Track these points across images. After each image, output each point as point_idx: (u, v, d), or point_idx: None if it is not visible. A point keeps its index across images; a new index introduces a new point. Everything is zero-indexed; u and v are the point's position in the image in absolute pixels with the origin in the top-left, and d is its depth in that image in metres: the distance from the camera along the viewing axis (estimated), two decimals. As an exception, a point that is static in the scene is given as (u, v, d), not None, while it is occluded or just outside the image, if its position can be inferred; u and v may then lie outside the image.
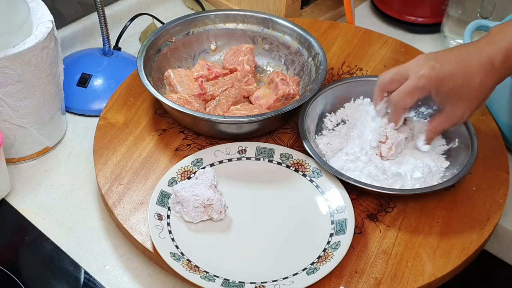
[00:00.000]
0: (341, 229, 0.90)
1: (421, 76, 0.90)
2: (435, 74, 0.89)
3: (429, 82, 0.90)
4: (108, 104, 1.08)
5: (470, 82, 0.89)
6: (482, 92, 0.90)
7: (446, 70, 0.89)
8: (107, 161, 0.99)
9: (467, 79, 0.89)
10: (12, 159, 1.03)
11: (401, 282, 0.86)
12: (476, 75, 0.88)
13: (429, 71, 0.89)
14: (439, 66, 0.89)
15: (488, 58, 0.88)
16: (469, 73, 0.88)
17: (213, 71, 1.10)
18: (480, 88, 0.89)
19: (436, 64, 0.90)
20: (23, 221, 0.96)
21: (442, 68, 0.89)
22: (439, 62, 0.90)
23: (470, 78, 0.88)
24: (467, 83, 0.89)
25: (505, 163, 1.01)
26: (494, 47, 0.88)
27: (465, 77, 0.89)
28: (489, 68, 0.88)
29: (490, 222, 0.93)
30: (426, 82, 0.90)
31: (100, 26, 1.15)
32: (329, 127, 1.06)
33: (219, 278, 0.84)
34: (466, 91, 0.90)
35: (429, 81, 0.90)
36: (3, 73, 0.93)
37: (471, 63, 0.89)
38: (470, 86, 0.89)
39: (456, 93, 0.90)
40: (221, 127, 1.01)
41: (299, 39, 1.13)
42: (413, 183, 0.95)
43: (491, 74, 0.88)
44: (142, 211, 0.93)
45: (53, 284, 0.89)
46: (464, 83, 0.89)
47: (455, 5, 1.25)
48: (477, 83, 0.88)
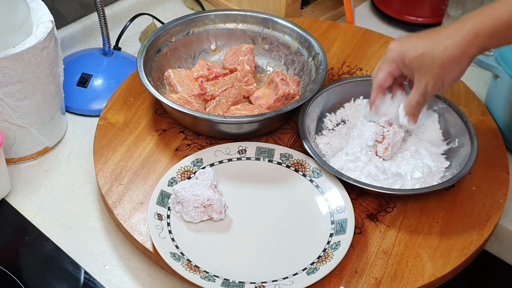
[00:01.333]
0: (341, 229, 0.90)
1: (388, 49, 0.94)
2: (399, 45, 0.92)
3: (394, 53, 0.93)
4: (108, 104, 1.08)
5: (433, 49, 0.88)
6: (446, 61, 0.88)
7: (411, 41, 0.92)
8: (107, 161, 0.99)
9: (430, 46, 0.89)
10: (12, 159, 1.03)
11: (401, 282, 0.86)
12: (441, 42, 0.88)
13: (394, 43, 0.93)
14: (406, 39, 0.92)
15: (459, 25, 0.87)
16: (434, 41, 0.89)
17: (213, 71, 1.10)
18: (444, 55, 0.88)
19: (404, 37, 0.93)
20: (23, 221, 0.96)
21: (408, 40, 0.92)
22: (410, 36, 0.93)
23: (434, 46, 0.88)
24: (429, 50, 0.89)
25: (505, 163, 1.01)
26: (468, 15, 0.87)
27: (428, 45, 0.89)
28: (457, 34, 0.87)
29: (490, 222, 0.93)
30: (392, 53, 0.93)
31: (100, 26, 1.15)
32: (329, 127, 1.06)
33: (219, 278, 0.84)
34: (428, 60, 0.89)
35: (394, 52, 0.93)
36: (3, 73, 0.93)
37: (438, 33, 0.89)
38: (433, 54, 0.88)
39: (419, 62, 0.90)
40: (221, 127, 1.01)
41: (299, 39, 1.13)
42: (413, 183, 0.95)
43: (458, 40, 0.87)
44: (142, 211, 0.93)
45: (53, 284, 0.89)
46: (427, 51, 0.89)
47: (455, 5, 1.25)
48: (440, 50, 0.88)
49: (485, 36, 0.86)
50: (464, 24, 0.87)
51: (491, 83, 1.10)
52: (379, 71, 0.96)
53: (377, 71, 0.97)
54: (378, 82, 0.97)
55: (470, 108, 1.09)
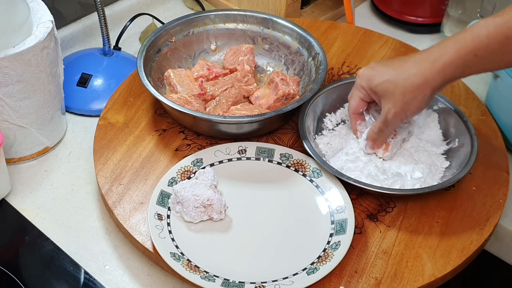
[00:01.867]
0: (341, 229, 0.90)
1: (358, 76, 0.95)
2: (367, 72, 0.93)
3: (362, 79, 0.94)
4: (108, 104, 1.08)
5: (396, 77, 0.89)
6: (408, 90, 0.88)
7: (378, 68, 0.93)
8: (107, 161, 0.99)
9: (395, 74, 0.89)
10: (12, 159, 1.03)
11: (401, 282, 0.86)
12: (405, 71, 0.88)
13: (362, 70, 0.94)
14: (375, 66, 0.93)
15: (425, 54, 0.88)
16: (399, 69, 0.89)
17: (213, 71, 1.10)
18: (407, 84, 0.88)
19: (374, 65, 0.94)
20: (23, 221, 0.96)
21: (376, 67, 0.93)
22: (379, 63, 0.94)
23: (398, 74, 0.89)
24: (393, 78, 0.90)
25: (505, 163, 1.01)
26: (437, 46, 0.87)
27: (393, 73, 0.90)
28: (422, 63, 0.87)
29: (490, 222, 0.93)
30: (360, 80, 0.95)
31: (100, 26, 1.15)
32: (329, 127, 1.06)
33: (219, 278, 0.84)
34: (391, 87, 0.90)
35: (362, 79, 0.94)
36: (3, 73, 0.93)
37: (407, 61, 0.90)
38: (396, 82, 0.89)
39: (383, 89, 0.91)
40: (221, 127, 1.01)
41: (299, 39, 1.13)
42: (413, 183, 0.95)
43: (423, 70, 0.87)
44: (142, 211, 0.93)
45: (53, 284, 0.89)
46: (391, 78, 0.90)
47: (455, 5, 1.25)
48: (403, 78, 0.88)
49: (450, 66, 0.85)
50: (431, 54, 0.87)
51: (491, 83, 1.10)
52: (351, 99, 0.98)
53: (350, 99, 0.99)
54: (352, 109, 0.99)
55: (470, 108, 1.09)
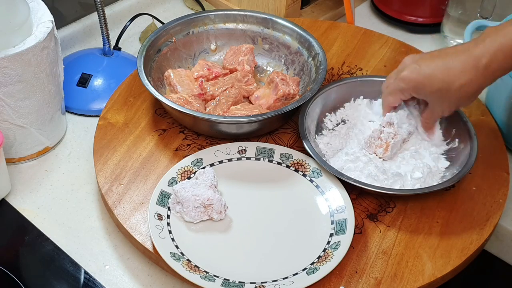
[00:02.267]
0: (341, 229, 0.90)
1: (401, 78, 0.93)
2: (413, 77, 0.91)
3: (408, 84, 0.92)
4: (108, 104, 1.08)
5: (449, 85, 0.89)
6: (462, 96, 0.90)
7: (425, 73, 0.90)
8: (107, 161, 0.99)
9: (446, 82, 0.89)
10: (12, 159, 1.03)
11: (401, 282, 0.86)
12: (457, 78, 0.88)
13: (407, 74, 0.92)
14: (419, 69, 0.91)
15: (473, 60, 0.87)
16: (449, 75, 0.88)
17: (213, 71, 1.10)
18: (460, 92, 0.89)
19: (417, 66, 0.91)
20: (23, 221, 0.96)
21: (421, 71, 0.91)
22: (420, 65, 0.91)
23: (449, 83, 0.88)
24: (445, 86, 0.89)
25: (505, 163, 1.01)
26: (481, 49, 0.87)
27: (444, 81, 0.89)
28: (473, 71, 0.87)
29: (490, 222, 0.93)
30: (404, 85, 0.93)
31: (100, 26, 1.15)
32: (329, 127, 1.06)
33: (219, 278, 0.84)
34: (445, 94, 0.90)
35: (408, 84, 0.92)
36: (3, 73, 0.93)
37: (453, 65, 0.88)
38: (449, 89, 0.89)
39: (435, 96, 0.91)
40: (221, 127, 1.01)
41: (299, 39, 1.13)
42: (413, 183, 0.95)
43: (475, 78, 0.87)
44: (142, 211, 0.93)
45: (53, 284, 0.89)
46: (442, 86, 0.89)
47: (455, 5, 1.25)
48: (455, 87, 0.88)
49: (499, 70, 0.87)
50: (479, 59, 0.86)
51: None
52: (391, 95, 0.97)
53: (389, 95, 0.97)
54: (389, 104, 0.98)
55: (470, 108, 1.09)
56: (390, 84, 0.96)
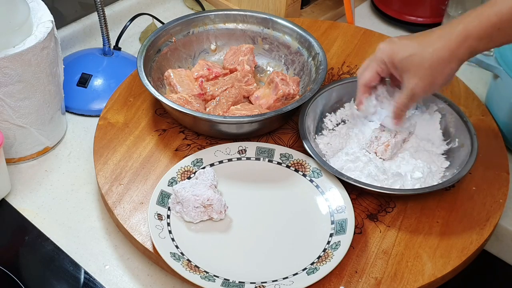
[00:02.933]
0: (341, 229, 0.90)
1: (378, 49, 0.94)
2: (389, 46, 0.92)
3: (384, 53, 0.93)
4: (108, 104, 1.08)
5: (422, 51, 0.88)
6: (435, 63, 0.88)
7: (402, 42, 0.92)
8: (107, 161, 0.99)
9: (420, 48, 0.89)
10: (12, 159, 1.03)
11: (401, 282, 0.86)
12: (431, 44, 0.88)
13: (383, 44, 0.93)
14: (396, 40, 0.92)
15: (448, 28, 0.87)
16: (424, 43, 0.89)
17: (213, 71, 1.10)
18: (433, 57, 0.88)
19: (395, 39, 0.93)
20: (23, 221, 0.96)
21: (398, 41, 0.92)
22: (400, 38, 0.93)
23: (423, 48, 0.88)
24: (419, 52, 0.89)
25: (505, 163, 1.01)
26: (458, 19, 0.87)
27: (418, 47, 0.89)
28: (447, 36, 0.87)
29: (490, 222, 0.93)
30: (381, 54, 0.93)
31: (100, 26, 1.15)
32: (329, 127, 1.06)
33: (219, 278, 0.84)
34: (417, 61, 0.89)
35: (384, 53, 0.93)
36: (3, 73, 0.93)
37: (430, 35, 0.89)
38: (423, 55, 0.88)
39: (407, 63, 0.90)
40: (221, 127, 1.01)
41: (299, 39, 1.13)
42: (413, 183, 0.95)
43: (448, 43, 0.87)
44: (142, 211, 0.93)
45: (53, 284, 0.89)
46: (417, 52, 0.89)
47: (455, 5, 1.25)
48: (429, 52, 0.88)
49: (474, 38, 0.85)
50: (454, 27, 0.87)
51: (491, 83, 1.10)
52: (367, 70, 0.96)
53: (364, 70, 0.97)
54: (365, 81, 0.97)
55: (470, 108, 1.09)
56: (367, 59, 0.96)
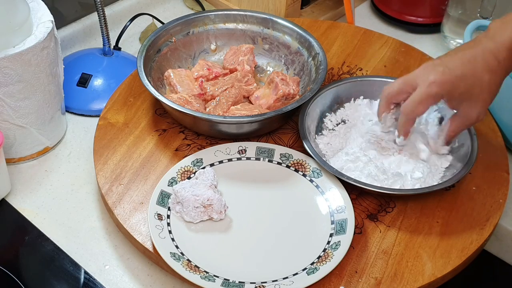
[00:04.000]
0: (341, 229, 0.90)
1: (433, 82, 0.89)
2: (447, 79, 0.89)
3: (441, 87, 0.89)
4: (108, 104, 1.08)
5: (481, 81, 0.89)
6: (492, 89, 0.90)
7: (456, 73, 0.89)
8: (107, 161, 0.99)
9: (477, 78, 0.89)
10: (12, 159, 1.03)
11: (401, 282, 0.86)
12: (484, 73, 0.88)
13: (440, 77, 0.89)
14: (448, 71, 0.89)
15: (492, 56, 0.88)
16: (477, 72, 0.89)
17: (213, 71, 1.10)
18: (490, 85, 0.89)
19: (445, 69, 0.89)
20: (23, 221, 0.96)
21: (452, 72, 0.89)
22: (447, 67, 0.89)
23: (480, 77, 0.89)
24: (478, 82, 0.89)
25: (505, 163, 1.01)
26: (495, 43, 0.88)
27: (475, 77, 0.89)
28: (495, 64, 0.88)
29: (490, 222, 0.93)
30: (438, 88, 0.89)
31: (100, 26, 1.15)
32: (329, 127, 1.06)
33: (219, 278, 0.84)
34: (478, 91, 0.90)
35: (441, 86, 0.89)
36: (3, 73, 0.93)
37: (477, 63, 0.89)
38: (481, 85, 0.89)
39: (469, 94, 0.90)
40: (221, 127, 1.01)
41: (299, 39, 1.13)
42: (413, 183, 0.95)
43: (498, 70, 0.89)
44: (142, 211, 0.93)
45: (53, 284, 0.89)
46: (475, 83, 0.89)
47: (455, 5, 1.25)
48: (486, 81, 0.89)
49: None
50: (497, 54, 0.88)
51: (491, 83, 1.10)
52: (421, 104, 0.90)
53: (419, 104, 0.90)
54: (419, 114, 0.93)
55: (470, 108, 1.09)
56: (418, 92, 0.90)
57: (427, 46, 1.30)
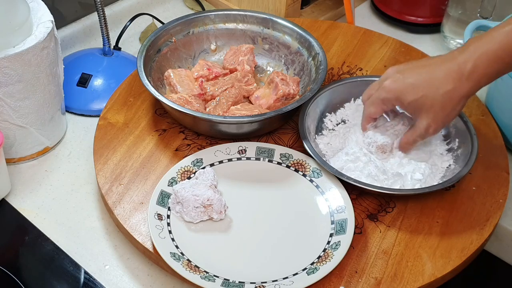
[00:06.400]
0: (341, 229, 0.90)
1: (383, 87, 0.92)
2: (396, 86, 0.90)
3: (390, 94, 0.91)
4: (108, 104, 1.08)
5: (434, 93, 0.88)
6: (447, 103, 0.88)
7: (408, 81, 0.90)
8: (107, 161, 0.99)
9: (431, 90, 0.88)
10: (12, 159, 1.03)
11: (401, 282, 0.86)
12: (441, 85, 0.87)
13: (389, 83, 0.91)
14: (402, 78, 0.90)
15: (457, 67, 0.86)
16: (433, 83, 0.88)
17: (213, 71, 1.10)
18: (445, 99, 0.88)
19: (400, 76, 0.90)
20: (23, 221, 0.96)
21: (404, 80, 0.90)
22: (403, 74, 0.90)
23: (434, 89, 0.88)
24: (430, 94, 0.88)
25: (505, 163, 1.01)
26: (465, 56, 0.86)
27: (429, 88, 0.88)
28: (457, 77, 0.86)
29: (490, 222, 0.93)
30: (387, 94, 0.92)
31: (100, 26, 1.15)
32: (329, 127, 1.06)
33: (219, 278, 0.84)
34: (429, 103, 0.88)
35: (389, 93, 0.91)
36: (3, 73, 0.93)
37: (437, 73, 0.88)
38: (434, 97, 0.88)
39: (419, 104, 0.89)
40: (221, 127, 1.01)
41: (299, 39, 1.13)
42: (413, 183, 0.95)
43: (459, 85, 0.87)
44: (142, 211, 0.93)
45: (53, 284, 0.89)
46: (427, 94, 0.88)
47: (455, 5, 1.25)
48: (440, 94, 0.87)
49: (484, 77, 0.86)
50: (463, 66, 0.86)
51: (491, 83, 1.10)
52: (373, 105, 0.94)
53: (370, 105, 0.95)
54: (370, 115, 0.96)
55: (470, 108, 1.09)
56: (372, 94, 0.95)
57: (427, 46, 1.30)
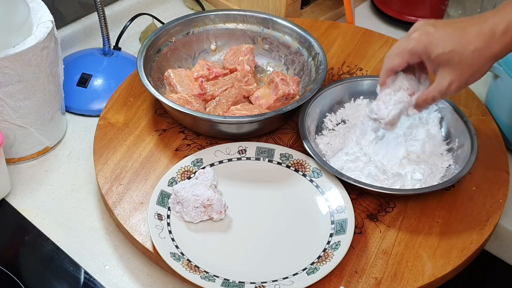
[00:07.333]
0: (341, 229, 0.90)
1: (412, 38, 0.88)
2: (426, 38, 0.87)
3: (418, 44, 0.88)
4: (108, 104, 1.08)
5: (463, 49, 0.85)
6: (475, 62, 0.86)
7: (438, 34, 0.87)
8: (107, 161, 0.99)
9: (460, 45, 0.85)
10: (12, 159, 1.03)
11: (401, 282, 0.86)
12: (472, 42, 0.85)
13: (419, 34, 0.88)
14: (432, 31, 0.87)
15: (489, 27, 0.84)
16: (463, 39, 0.85)
17: (213, 71, 1.10)
18: (474, 56, 0.85)
19: (430, 28, 0.87)
20: (23, 221, 0.96)
21: (435, 33, 0.87)
22: (434, 27, 0.87)
23: (464, 45, 0.85)
24: (460, 50, 0.85)
25: (505, 163, 1.01)
26: (498, 17, 0.84)
27: (458, 43, 0.85)
28: (488, 36, 0.84)
29: (490, 222, 0.93)
30: (415, 45, 0.88)
31: (100, 26, 1.16)
32: (329, 127, 1.06)
33: (219, 278, 0.84)
34: (457, 58, 0.86)
35: (418, 44, 0.88)
36: (3, 73, 0.93)
37: (468, 30, 0.85)
38: (462, 53, 0.85)
39: (447, 58, 0.86)
40: (221, 127, 1.01)
41: (299, 39, 1.13)
42: (413, 183, 0.95)
43: (489, 44, 0.84)
44: (142, 211, 0.93)
45: (53, 284, 0.89)
46: (457, 49, 0.85)
47: (455, 5, 1.25)
48: (470, 50, 0.85)
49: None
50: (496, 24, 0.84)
51: (491, 83, 1.10)
52: (397, 56, 0.90)
53: (395, 55, 0.91)
54: (393, 66, 0.92)
55: (470, 108, 1.09)
56: (398, 44, 0.90)
57: (427, 46, 1.30)
